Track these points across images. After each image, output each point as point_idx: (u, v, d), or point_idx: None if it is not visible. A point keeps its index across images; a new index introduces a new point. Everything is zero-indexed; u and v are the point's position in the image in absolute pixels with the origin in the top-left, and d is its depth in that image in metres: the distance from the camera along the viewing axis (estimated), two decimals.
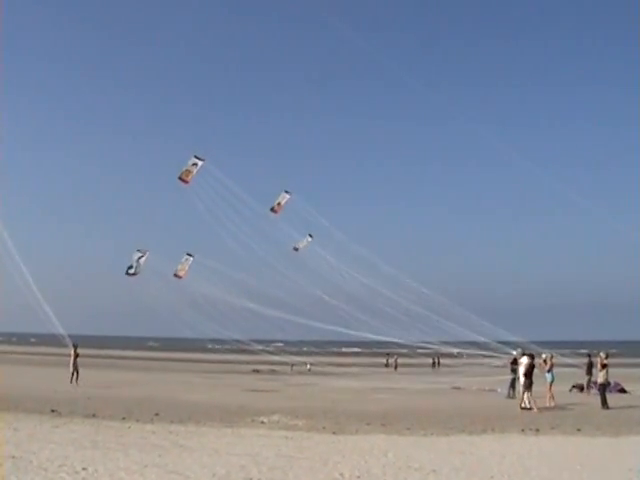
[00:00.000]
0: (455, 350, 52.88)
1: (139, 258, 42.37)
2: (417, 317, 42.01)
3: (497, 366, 40.20)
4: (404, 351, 57.07)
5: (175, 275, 45.31)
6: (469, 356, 52.20)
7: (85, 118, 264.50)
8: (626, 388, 35.73)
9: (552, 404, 27.77)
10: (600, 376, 27.97)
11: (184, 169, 39.46)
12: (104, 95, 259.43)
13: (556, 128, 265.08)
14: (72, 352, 37.64)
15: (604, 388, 27.72)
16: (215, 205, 40.35)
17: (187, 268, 45.24)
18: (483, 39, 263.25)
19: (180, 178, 39.50)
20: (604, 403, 26.98)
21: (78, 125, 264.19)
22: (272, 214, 43.28)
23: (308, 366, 61.79)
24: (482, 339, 42.40)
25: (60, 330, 39.77)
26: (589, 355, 37.63)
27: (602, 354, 28.84)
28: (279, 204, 43.17)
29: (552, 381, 29.18)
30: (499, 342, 41.83)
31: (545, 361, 30.60)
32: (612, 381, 36.41)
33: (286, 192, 43.85)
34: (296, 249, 45.83)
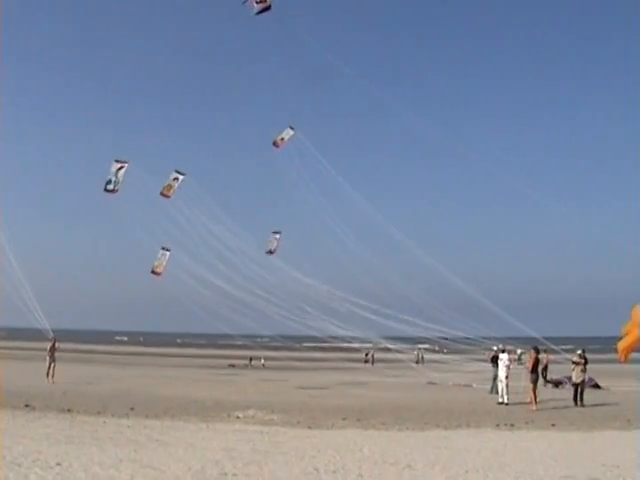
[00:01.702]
0: (437, 346, 52.63)
1: (118, 170, 36.43)
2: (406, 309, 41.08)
3: (479, 360, 40.17)
4: (385, 346, 56.95)
5: (153, 272, 43.95)
6: (450, 352, 52.07)
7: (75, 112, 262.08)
8: (600, 384, 36.07)
9: (529, 399, 27.86)
10: (577, 375, 27.93)
11: (165, 184, 38.41)
12: (100, 93, 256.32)
13: (560, 128, 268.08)
14: (49, 346, 35.78)
15: (579, 386, 27.62)
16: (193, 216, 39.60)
17: (165, 264, 43.91)
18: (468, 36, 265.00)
19: (162, 193, 38.55)
20: (580, 400, 27.03)
21: (69, 121, 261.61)
22: (274, 148, 40.81)
23: (262, 361, 61.32)
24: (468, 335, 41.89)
25: (45, 323, 37.37)
26: (583, 351, 37.82)
27: (579, 352, 28.73)
28: (282, 139, 40.54)
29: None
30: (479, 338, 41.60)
31: (520, 357, 30.74)
32: (586, 376, 36.78)
33: (290, 128, 40.86)
34: (270, 252, 44.23)
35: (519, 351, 43.53)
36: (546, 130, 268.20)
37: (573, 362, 28.85)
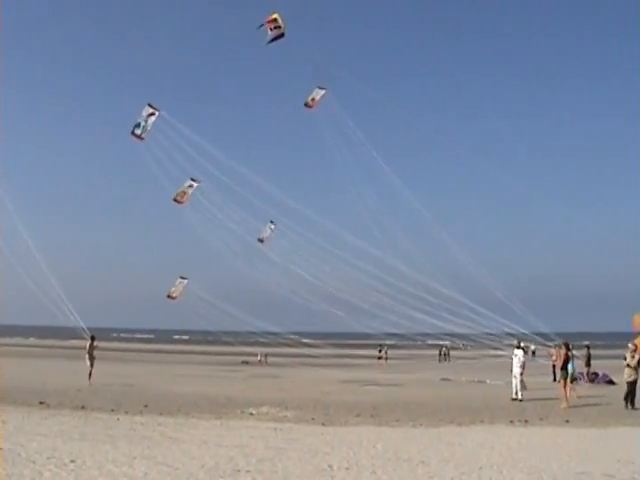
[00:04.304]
0: (460, 342, 51.94)
1: (149, 115, 35.13)
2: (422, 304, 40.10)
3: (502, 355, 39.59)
4: (404, 343, 56.31)
5: (168, 296, 43.34)
6: (474, 347, 51.40)
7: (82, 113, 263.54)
8: (614, 380, 35.89)
9: (574, 395, 27.54)
10: (628, 373, 24.73)
11: (179, 190, 37.70)
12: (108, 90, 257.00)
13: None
14: (87, 345, 33.85)
15: (632, 386, 24.49)
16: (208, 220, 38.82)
17: (181, 290, 43.35)
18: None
19: (175, 200, 37.80)
20: (631, 402, 24.20)
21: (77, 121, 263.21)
22: (306, 109, 39.02)
23: (258, 357, 61.40)
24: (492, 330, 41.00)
25: (79, 322, 36.07)
26: (587, 347, 37.65)
27: (631, 345, 25.33)
28: (313, 99, 39.08)
29: (573, 373, 28.97)
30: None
31: (534, 352, 30.49)
32: (600, 372, 36.64)
33: (320, 87, 39.18)
34: (261, 240, 43.15)
35: (532, 347, 43.31)
36: (557, 131, 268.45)
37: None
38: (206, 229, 40.52)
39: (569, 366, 27.19)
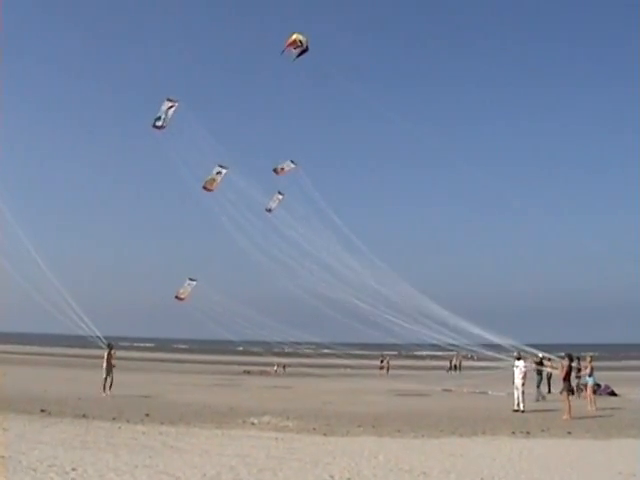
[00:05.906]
0: (468, 353, 51.60)
1: (168, 108, 35.13)
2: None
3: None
4: (407, 353, 55.95)
5: (176, 297, 42.93)
6: (480, 358, 50.99)
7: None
8: (616, 391, 35.83)
9: (594, 408, 27.54)
10: None
11: (208, 178, 37.24)
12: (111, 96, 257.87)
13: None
14: (105, 354, 32.28)
15: None
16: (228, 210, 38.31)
17: (190, 291, 42.97)
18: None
19: (204, 187, 37.19)
20: None
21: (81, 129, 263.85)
22: (274, 174, 39.83)
23: (275, 367, 61.43)
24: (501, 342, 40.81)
25: (93, 330, 35.15)
26: (578, 358, 37.61)
27: None
28: (282, 169, 39.22)
29: (593, 385, 28.90)
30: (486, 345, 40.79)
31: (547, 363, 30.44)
32: (602, 384, 36.53)
33: (292, 162, 39.66)
34: (269, 210, 42.25)
35: (539, 354, 43.05)
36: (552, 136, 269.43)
37: None
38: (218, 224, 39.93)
39: (589, 379, 27.27)
